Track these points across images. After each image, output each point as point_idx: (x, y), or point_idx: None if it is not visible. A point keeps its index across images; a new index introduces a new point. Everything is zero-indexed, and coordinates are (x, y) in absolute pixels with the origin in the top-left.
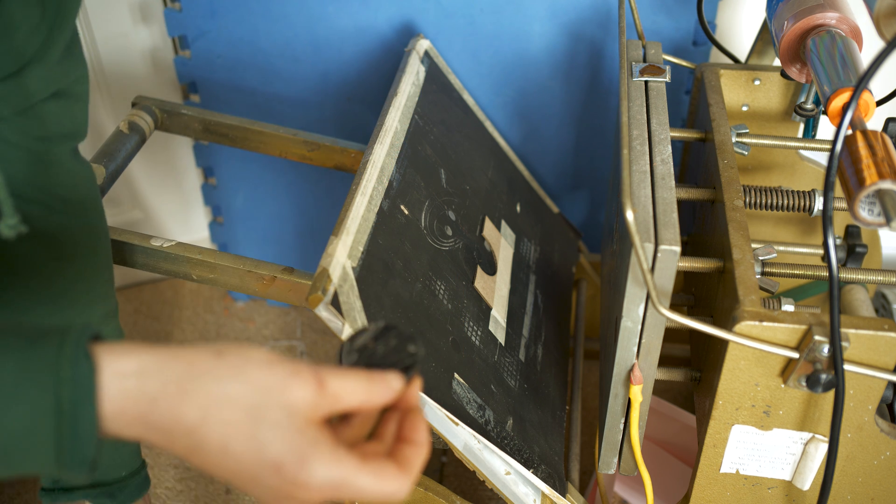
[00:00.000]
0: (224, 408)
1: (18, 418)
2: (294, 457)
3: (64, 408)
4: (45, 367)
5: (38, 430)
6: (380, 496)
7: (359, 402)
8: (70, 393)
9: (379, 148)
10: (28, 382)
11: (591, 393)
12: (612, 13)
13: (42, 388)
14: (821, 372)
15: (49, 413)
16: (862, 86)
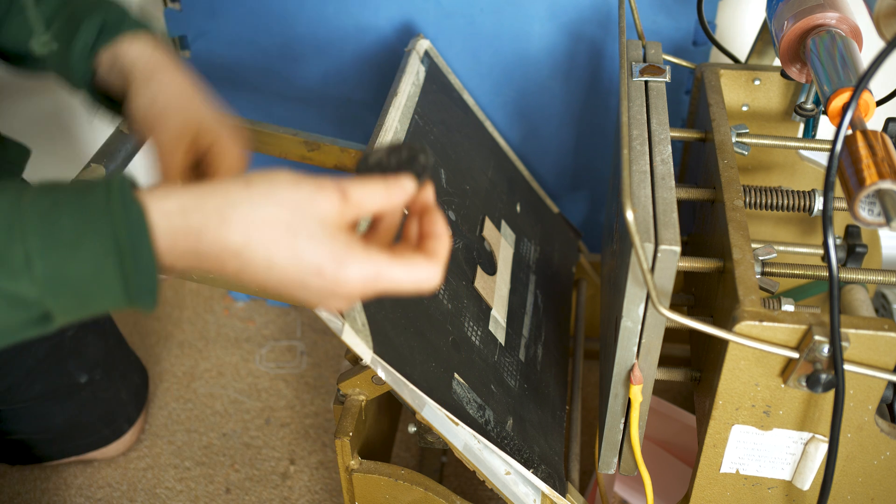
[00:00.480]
0: (263, 228)
1: (85, 262)
2: (332, 259)
3: (123, 247)
4: (99, 214)
5: (105, 270)
6: (413, 284)
7: (379, 205)
8: (126, 233)
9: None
10: (87, 230)
11: (591, 393)
12: (612, 13)
13: (100, 234)
14: (821, 372)
15: (111, 253)
16: (862, 86)
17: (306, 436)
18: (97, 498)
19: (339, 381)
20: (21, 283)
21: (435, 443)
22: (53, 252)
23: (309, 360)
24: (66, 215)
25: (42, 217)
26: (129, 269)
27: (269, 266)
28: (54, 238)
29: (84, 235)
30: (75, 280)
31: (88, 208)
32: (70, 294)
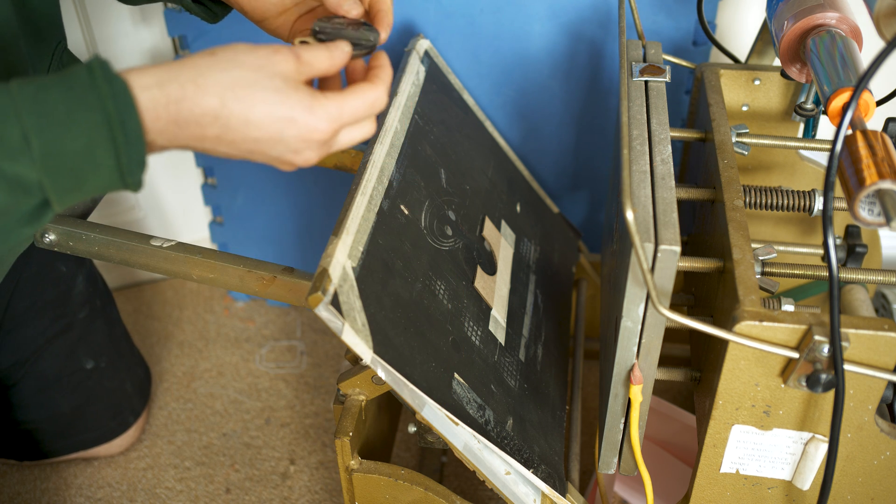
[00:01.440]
0: (235, 89)
1: (78, 138)
2: (301, 107)
3: (112, 118)
4: (86, 90)
5: (97, 143)
6: (367, 107)
7: (326, 67)
8: (114, 105)
9: (379, 148)
10: (77, 105)
11: (591, 393)
12: (612, 13)
13: (90, 107)
14: (821, 372)
15: (101, 125)
16: (862, 86)
17: (306, 436)
18: (97, 498)
19: (339, 381)
20: (21, 164)
21: (435, 443)
22: (48, 129)
23: (309, 360)
24: (55, 94)
25: (33, 98)
26: (119, 140)
27: (245, 122)
28: (48, 116)
29: (75, 111)
30: (71, 155)
31: (75, 87)
32: (66, 172)
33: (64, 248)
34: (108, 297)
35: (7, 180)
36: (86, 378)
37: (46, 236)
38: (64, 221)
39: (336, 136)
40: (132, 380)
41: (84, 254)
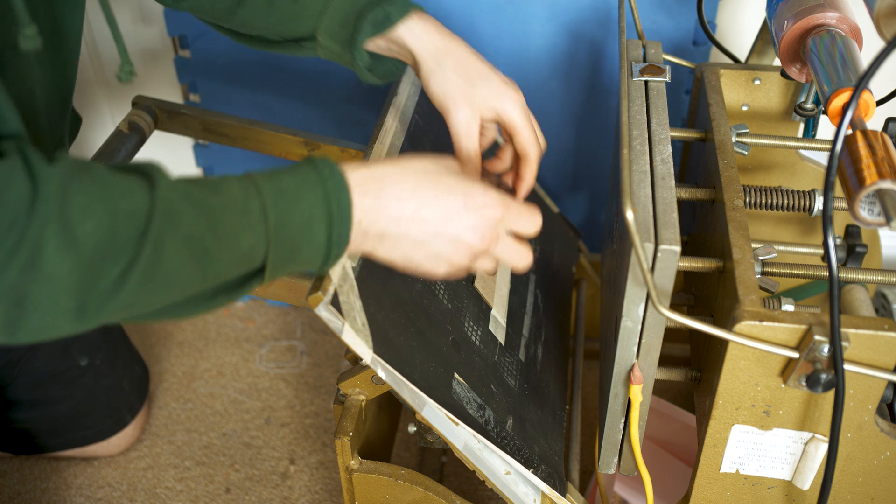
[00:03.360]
0: (427, 173)
1: (304, 212)
2: (474, 188)
3: (331, 198)
4: (311, 174)
5: (317, 218)
6: (527, 216)
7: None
8: (333, 187)
9: (379, 148)
10: (304, 186)
11: (591, 393)
12: (612, 13)
13: (314, 188)
14: (821, 372)
15: (321, 203)
16: (862, 85)
17: (306, 436)
18: (97, 498)
19: (339, 380)
20: (257, 233)
21: (435, 443)
22: (282, 203)
23: (309, 360)
24: (286, 178)
25: (269, 180)
26: (333, 218)
27: (436, 198)
28: (281, 193)
29: (303, 190)
30: (295, 226)
31: (302, 173)
32: (287, 242)
33: None
34: None
35: (241, 249)
36: (80, 376)
37: None
38: None
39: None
40: (129, 378)
41: None
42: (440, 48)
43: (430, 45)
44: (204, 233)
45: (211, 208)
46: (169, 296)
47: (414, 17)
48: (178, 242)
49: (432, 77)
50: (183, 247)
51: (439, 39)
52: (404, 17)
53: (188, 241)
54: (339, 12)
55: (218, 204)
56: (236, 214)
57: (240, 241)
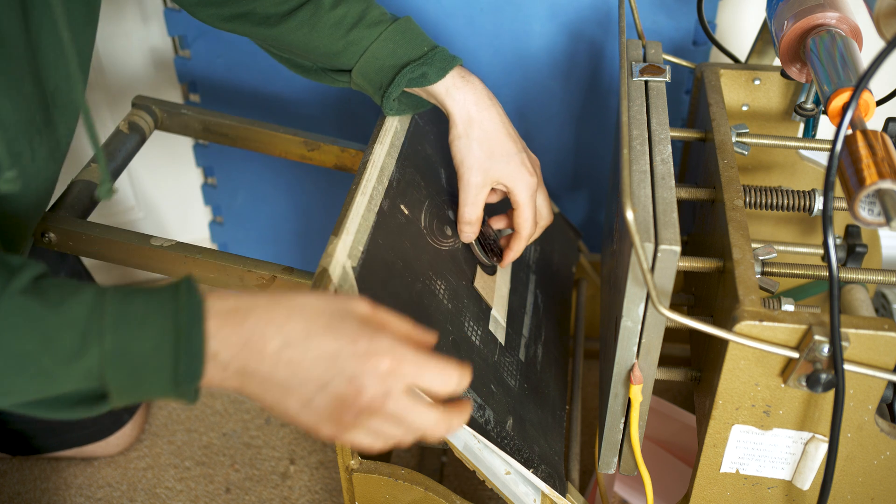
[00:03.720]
0: (305, 308)
1: (147, 340)
2: (365, 333)
3: (181, 327)
4: (167, 301)
5: (162, 348)
6: (436, 371)
7: (403, 332)
8: (185, 316)
9: (379, 148)
10: (153, 313)
11: (591, 393)
12: (612, 13)
13: (164, 316)
14: (821, 372)
15: (169, 333)
16: (862, 85)
17: (306, 435)
18: (97, 498)
19: None
20: (92, 356)
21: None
22: (123, 329)
23: None
24: (139, 299)
25: (119, 302)
26: (181, 349)
27: (306, 338)
28: (125, 316)
29: (150, 315)
30: (135, 356)
31: (158, 296)
32: (127, 370)
33: (64, 248)
34: None
35: (79, 371)
36: None
37: (46, 236)
38: (64, 221)
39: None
40: None
41: (84, 254)
42: (473, 118)
43: (464, 112)
44: (36, 351)
45: (48, 328)
46: (8, 400)
47: (452, 77)
48: (9, 357)
49: (457, 141)
50: (14, 361)
51: (474, 108)
52: (442, 78)
53: (20, 357)
54: (377, 58)
55: (57, 324)
56: (75, 335)
57: (77, 362)
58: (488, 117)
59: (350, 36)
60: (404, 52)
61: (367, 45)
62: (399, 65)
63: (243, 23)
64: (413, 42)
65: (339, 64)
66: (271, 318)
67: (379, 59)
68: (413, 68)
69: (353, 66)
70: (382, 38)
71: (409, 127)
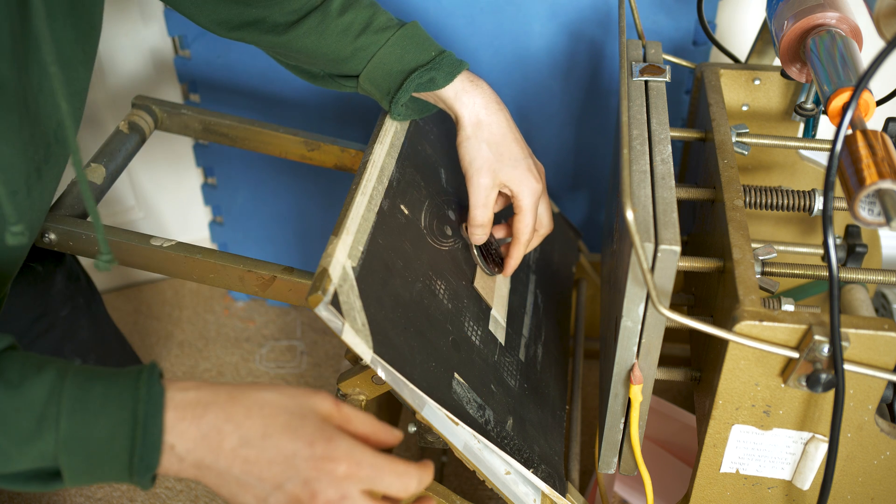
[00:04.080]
0: (265, 406)
1: (103, 428)
2: (323, 436)
3: (139, 418)
4: (126, 389)
5: (118, 437)
6: (394, 475)
7: (366, 432)
8: (144, 407)
9: (379, 148)
10: (112, 401)
11: (591, 393)
12: (612, 13)
13: (122, 405)
14: (821, 372)
15: (127, 423)
16: (862, 85)
17: None
18: (97, 498)
19: (339, 380)
20: (46, 440)
21: (435, 443)
22: (79, 415)
23: (309, 360)
24: (99, 384)
25: (79, 387)
26: (137, 440)
27: (263, 437)
28: (83, 402)
29: (108, 405)
30: (90, 442)
31: (118, 384)
32: (82, 456)
33: (64, 248)
34: (92, 294)
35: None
36: None
37: (46, 236)
38: (64, 221)
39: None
40: None
41: (84, 254)
42: (482, 121)
43: (473, 115)
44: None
45: (4, 408)
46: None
47: (461, 81)
48: None
49: (466, 143)
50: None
51: (483, 112)
52: (450, 83)
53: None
54: (385, 64)
55: (13, 406)
56: (32, 418)
57: (31, 444)
58: (496, 121)
59: (358, 42)
60: (412, 57)
61: (374, 50)
62: (407, 70)
63: (251, 31)
64: (420, 47)
65: (347, 70)
66: (230, 414)
67: (387, 65)
68: (421, 73)
69: (360, 71)
70: (390, 44)
71: (409, 127)
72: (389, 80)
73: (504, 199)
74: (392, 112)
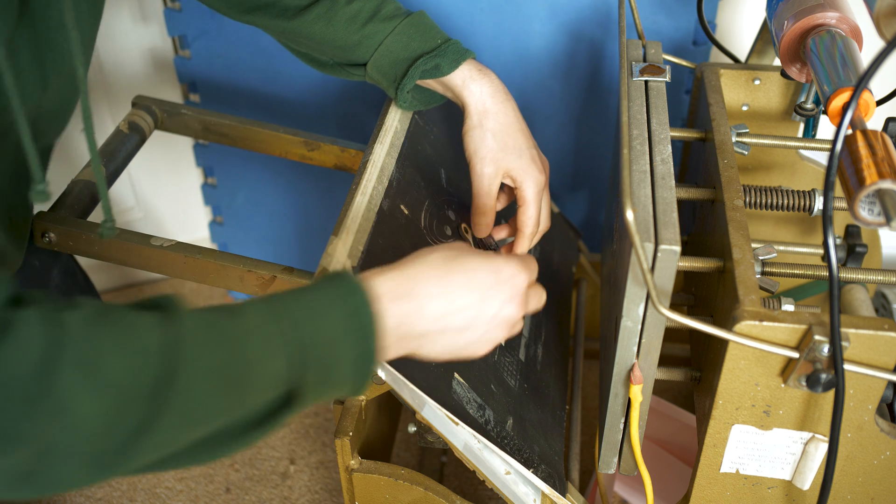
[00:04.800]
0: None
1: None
2: (499, 261)
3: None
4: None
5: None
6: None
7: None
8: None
9: (379, 148)
10: (329, 304)
11: (591, 393)
12: (612, 13)
13: (339, 304)
14: (821, 371)
15: (350, 317)
16: (862, 85)
17: (306, 436)
18: (97, 498)
19: None
20: (279, 357)
21: (435, 443)
22: (305, 324)
23: None
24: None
25: (292, 301)
26: (358, 330)
27: (466, 280)
28: (308, 310)
29: (330, 305)
30: (320, 347)
31: (324, 291)
32: (313, 363)
33: (64, 248)
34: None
35: (268, 375)
36: None
37: (46, 236)
38: (64, 221)
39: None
40: None
41: (84, 253)
42: (488, 110)
43: (479, 103)
44: (229, 361)
45: (234, 336)
46: (196, 430)
47: (469, 70)
48: (204, 373)
49: (471, 132)
50: (209, 377)
51: (490, 101)
52: (456, 69)
53: (214, 372)
54: (392, 51)
55: (240, 331)
56: (260, 340)
57: (266, 366)
58: (503, 110)
59: (365, 30)
60: (418, 45)
61: (381, 38)
62: (412, 57)
63: (262, 15)
64: (426, 35)
65: (355, 57)
66: (431, 279)
67: (393, 53)
68: (426, 60)
69: (368, 59)
70: (396, 32)
71: (409, 127)
72: (396, 67)
73: (507, 195)
74: (398, 100)
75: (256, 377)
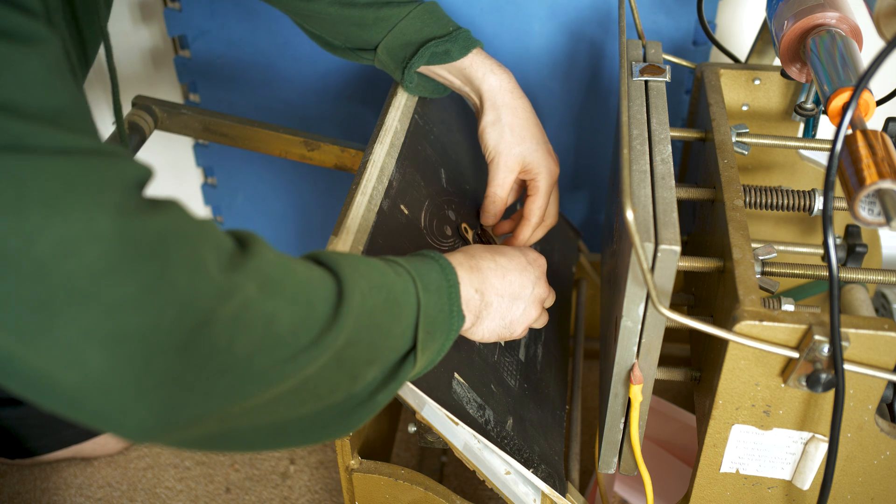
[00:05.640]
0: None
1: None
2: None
3: (450, 282)
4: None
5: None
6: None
7: None
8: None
9: (379, 147)
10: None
11: (591, 393)
12: (612, 13)
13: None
14: (821, 371)
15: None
16: (862, 85)
17: None
18: (97, 498)
19: None
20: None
21: (435, 443)
22: (427, 294)
23: None
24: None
25: (409, 266)
26: (452, 298)
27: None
28: (417, 268)
29: (439, 280)
30: (434, 313)
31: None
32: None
33: None
34: None
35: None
36: None
37: None
38: None
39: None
40: None
41: None
42: (507, 104)
43: (499, 98)
44: (384, 306)
45: (384, 283)
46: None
47: (490, 64)
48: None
49: (490, 127)
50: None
51: (509, 96)
52: (465, 56)
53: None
54: (404, 34)
55: (388, 280)
56: (401, 287)
57: (406, 312)
58: (521, 105)
59: (381, 12)
60: (430, 30)
61: (395, 21)
62: (424, 40)
63: None
64: (439, 22)
65: (367, 37)
66: (484, 256)
67: (406, 35)
68: (437, 43)
69: (379, 41)
70: (411, 17)
71: (409, 127)
72: (406, 49)
73: (516, 190)
74: (405, 80)
75: (404, 318)
